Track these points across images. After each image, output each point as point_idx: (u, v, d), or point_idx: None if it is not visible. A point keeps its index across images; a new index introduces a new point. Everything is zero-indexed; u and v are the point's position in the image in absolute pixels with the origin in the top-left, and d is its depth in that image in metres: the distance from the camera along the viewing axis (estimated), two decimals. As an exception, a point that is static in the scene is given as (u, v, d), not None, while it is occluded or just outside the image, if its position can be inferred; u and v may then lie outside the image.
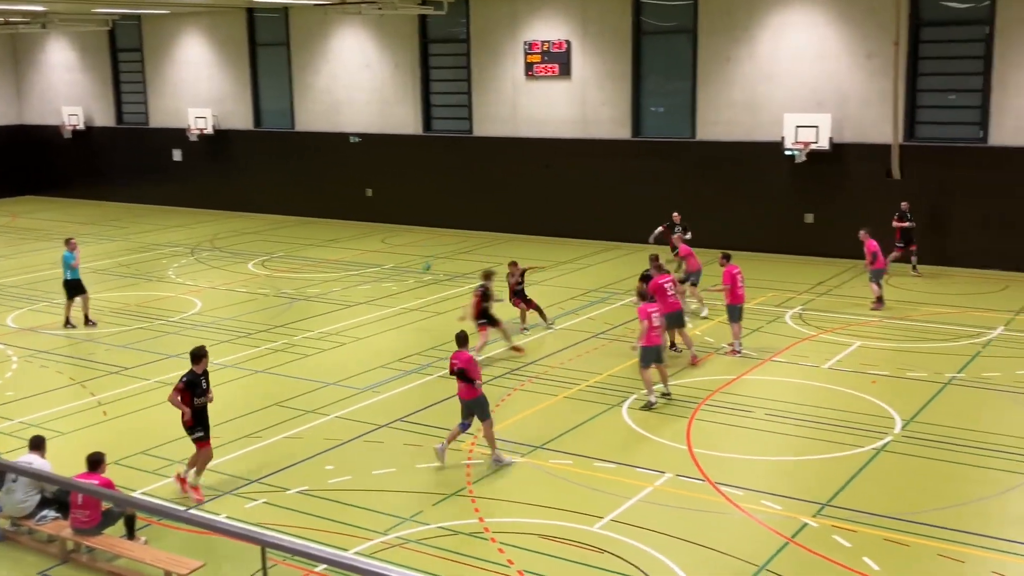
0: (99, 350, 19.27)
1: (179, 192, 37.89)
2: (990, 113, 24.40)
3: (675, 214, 23.70)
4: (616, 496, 12.39)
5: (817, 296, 22.46)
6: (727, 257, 18.52)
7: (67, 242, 20.77)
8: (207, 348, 13.12)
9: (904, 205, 23.90)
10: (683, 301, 18.47)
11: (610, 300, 22.38)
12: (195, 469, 12.73)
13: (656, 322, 15.34)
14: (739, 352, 17.98)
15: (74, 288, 20.53)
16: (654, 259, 18.27)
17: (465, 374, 13.18)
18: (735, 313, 18.12)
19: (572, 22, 29.30)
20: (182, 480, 12.67)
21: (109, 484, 11.06)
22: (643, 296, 16.17)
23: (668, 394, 15.74)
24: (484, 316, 18.20)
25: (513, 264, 20.10)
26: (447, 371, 13.91)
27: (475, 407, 13.35)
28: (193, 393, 12.59)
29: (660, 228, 23.75)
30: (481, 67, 30.98)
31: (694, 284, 20.49)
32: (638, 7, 28.41)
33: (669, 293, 17.12)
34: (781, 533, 11.40)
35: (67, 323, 20.61)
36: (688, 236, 22.77)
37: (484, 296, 18.12)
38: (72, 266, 20.41)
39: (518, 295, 19.96)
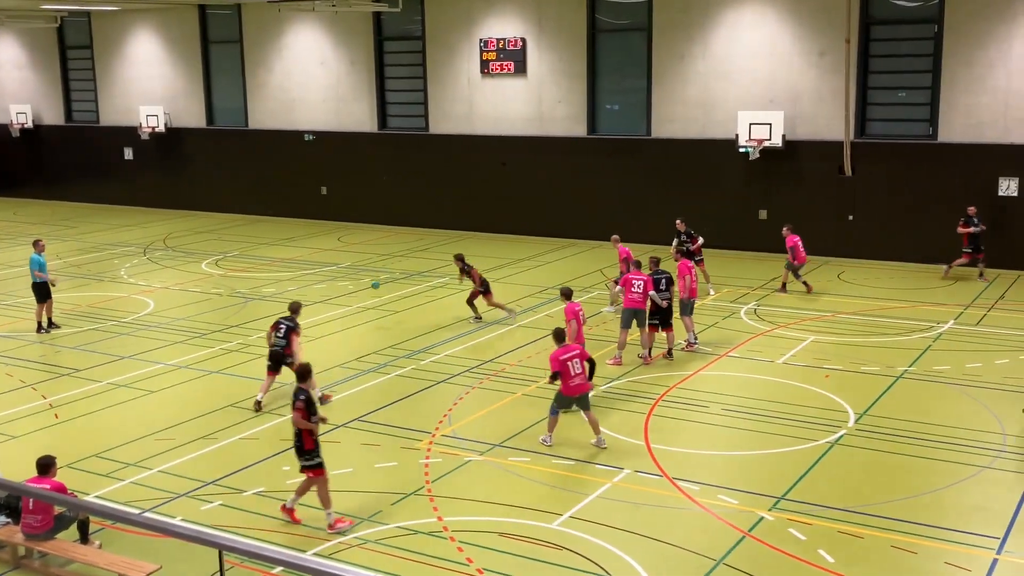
0: (50, 352, 18.98)
1: (131, 191, 37.42)
2: (939, 110, 24.77)
3: (679, 221, 22.89)
4: (575, 493, 12.43)
5: (771, 292, 22.67)
6: (680, 253, 19.09)
7: (35, 244, 20.30)
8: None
9: (971, 210, 23.27)
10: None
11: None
12: (299, 497, 11.77)
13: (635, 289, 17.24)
14: (695, 344, 18.18)
15: (43, 291, 20.00)
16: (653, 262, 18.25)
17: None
18: (688, 307, 18.41)
19: (527, 19, 29.32)
20: (289, 511, 11.77)
21: (61, 488, 10.90)
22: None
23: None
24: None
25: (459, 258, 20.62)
26: (404, 370, 13.83)
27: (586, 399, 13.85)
28: (310, 412, 11.70)
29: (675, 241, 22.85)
30: (437, 64, 30.91)
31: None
32: (593, 5, 28.50)
33: (633, 289, 17.49)
34: (738, 527, 11.50)
35: (39, 328, 20.08)
36: (692, 246, 22.31)
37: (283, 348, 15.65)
38: (36, 273, 19.86)
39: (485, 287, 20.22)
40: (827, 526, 11.49)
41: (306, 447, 11.61)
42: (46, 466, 11.06)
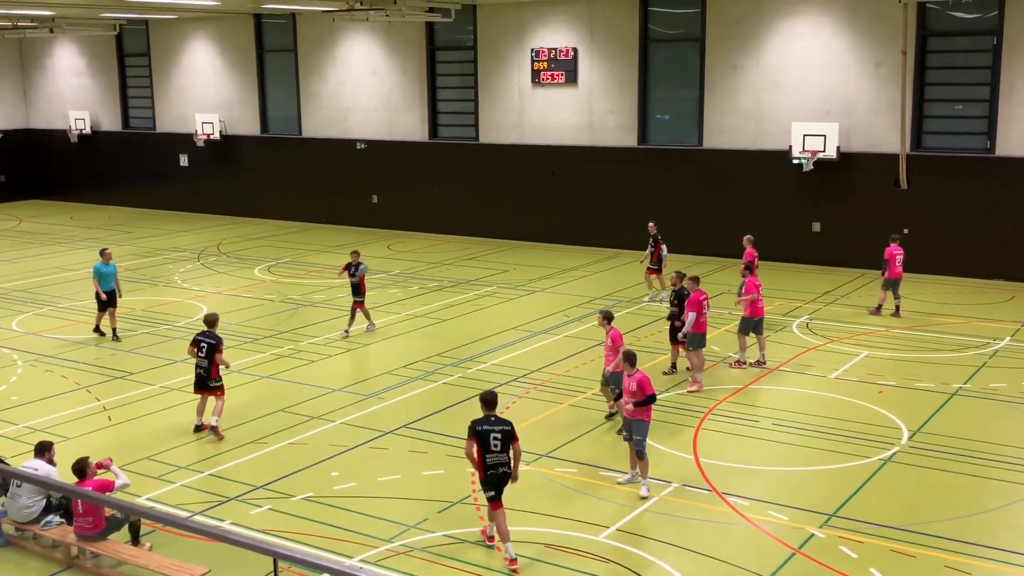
0: (104, 355, 19.27)
1: (185, 197, 37.95)
2: (997, 123, 24.36)
3: (651, 224, 23.18)
4: (622, 505, 12.35)
5: (824, 305, 22.41)
6: (748, 268, 18.57)
7: (102, 253, 20.52)
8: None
9: None
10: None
11: (615, 308, 22.34)
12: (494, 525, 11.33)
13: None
14: (743, 364, 17.96)
15: (108, 299, 20.07)
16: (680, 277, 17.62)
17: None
18: (748, 326, 17.95)
19: (579, 29, 29.32)
20: (491, 538, 11.44)
21: (106, 486, 11.03)
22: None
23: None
24: None
25: (354, 253, 20.54)
26: (451, 378, 13.83)
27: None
28: (482, 445, 10.94)
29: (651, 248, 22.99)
30: (488, 74, 31.00)
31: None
32: (645, 15, 28.42)
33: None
34: (788, 544, 11.35)
35: (98, 329, 20.42)
36: (655, 253, 22.64)
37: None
38: (98, 278, 20.01)
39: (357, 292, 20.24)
40: (879, 544, 11.31)
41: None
42: (80, 470, 11.17)
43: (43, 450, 11.73)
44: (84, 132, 39.63)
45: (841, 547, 11.24)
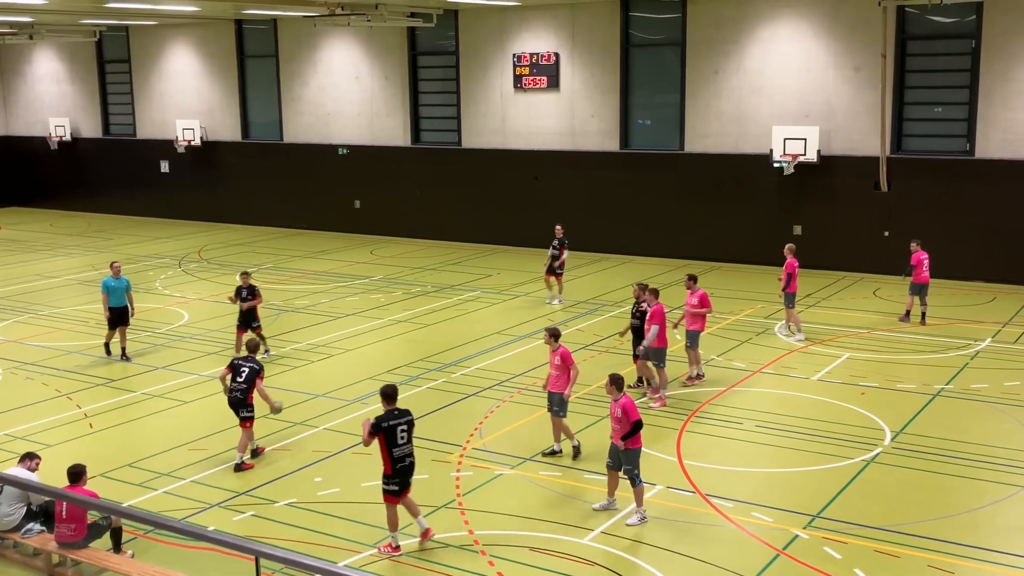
0: (85, 362, 19.14)
1: (166, 203, 37.79)
2: (976, 126, 24.53)
3: (558, 227, 23.33)
4: (606, 509, 12.33)
5: (806, 308, 22.48)
6: (694, 279, 17.47)
7: (111, 266, 19.54)
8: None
9: None
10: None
11: (599, 312, 22.37)
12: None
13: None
14: (702, 377, 17.35)
15: (116, 316, 19.02)
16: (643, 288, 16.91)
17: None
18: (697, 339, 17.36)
19: (561, 35, 29.36)
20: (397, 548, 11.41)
21: (93, 496, 10.96)
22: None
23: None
24: None
25: (244, 275, 19.11)
26: (435, 383, 13.79)
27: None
28: (389, 440, 11.17)
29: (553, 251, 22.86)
30: (470, 79, 31.01)
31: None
32: (627, 20, 28.49)
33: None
34: (772, 545, 11.37)
35: (106, 348, 19.37)
36: (560, 257, 22.67)
37: None
38: (107, 293, 18.91)
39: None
40: (863, 545, 11.34)
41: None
42: (77, 474, 11.12)
43: (26, 458, 11.66)
44: (64, 139, 39.41)
45: (825, 548, 11.26)
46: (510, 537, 11.63)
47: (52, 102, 40.47)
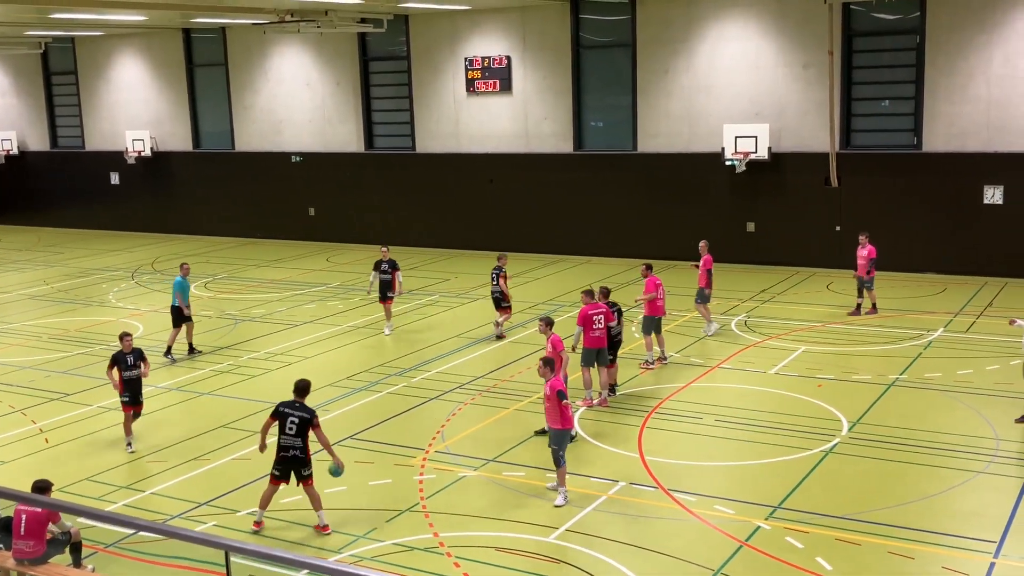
0: (39, 377, 18.87)
1: (118, 216, 37.33)
2: (923, 120, 24.93)
3: (383, 249, 21.82)
4: (571, 506, 12.38)
5: (761, 303, 22.72)
6: (649, 268, 18.37)
7: (181, 267, 20.07)
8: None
9: None
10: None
11: (557, 312, 22.43)
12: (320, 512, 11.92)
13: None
14: (665, 360, 18.15)
15: (178, 315, 19.46)
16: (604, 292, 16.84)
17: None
18: (655, 324, 18.05)
19: (512, 38, 29.43)
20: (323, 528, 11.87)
21: (53, 517, 10.79)
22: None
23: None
24: None
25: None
26: (395, 388, 13.77)
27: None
28: (280, 427, 12.01)
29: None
30: (422, 84, 30.98)
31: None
32: (577, 22, 28.63)
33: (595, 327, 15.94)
34: (735, 537, 11.47)
35: (168, 352, 19.49)
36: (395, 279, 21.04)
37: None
38: (178, 295, 19.30)
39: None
40: (824, 534, 11.48)
41: (308, 459, 12.12)
42: (42, 490, 10.94)
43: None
44: (11, 153, 38.78)
45: (787, 538, 11.39)
46: (475, 538, 11.63)
47: (-3, 116, 39.86)
